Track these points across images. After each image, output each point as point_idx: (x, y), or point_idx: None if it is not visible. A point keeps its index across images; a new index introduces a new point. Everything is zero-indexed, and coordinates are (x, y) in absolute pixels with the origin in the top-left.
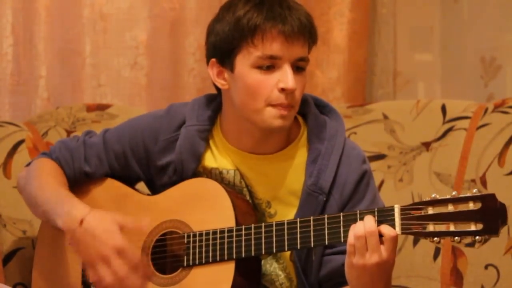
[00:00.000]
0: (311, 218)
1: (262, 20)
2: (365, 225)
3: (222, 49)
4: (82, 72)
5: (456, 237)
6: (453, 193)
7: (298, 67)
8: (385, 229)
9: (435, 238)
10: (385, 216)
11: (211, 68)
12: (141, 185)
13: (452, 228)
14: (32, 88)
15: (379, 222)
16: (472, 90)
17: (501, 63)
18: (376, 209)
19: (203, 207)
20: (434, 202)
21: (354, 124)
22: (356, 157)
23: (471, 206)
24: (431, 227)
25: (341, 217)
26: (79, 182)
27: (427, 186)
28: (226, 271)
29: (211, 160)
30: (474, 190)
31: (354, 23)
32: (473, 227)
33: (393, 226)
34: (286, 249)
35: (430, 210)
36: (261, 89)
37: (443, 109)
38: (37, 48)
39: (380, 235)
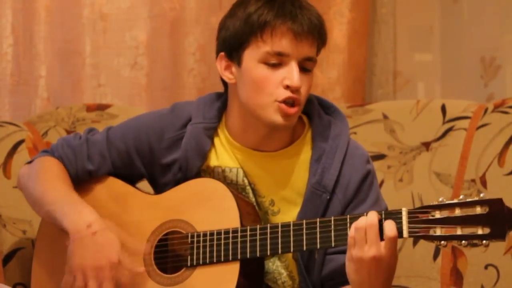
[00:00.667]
0: (317, 220)
1: (273, 16)
2: (367, 219)
3: (232, 43)
4: (82, 72)
5: (464, 241)
6: (461, 196)
7: (305, 68)
8: (387, 225)
9: (442, 242)
10: (392, 219)
11: (219, 61)
12: (145, 185)
13: (459, 232)
14: (32, 88)
15: None
16: (472, 90)
17: (501, 63)
18: (383, 212)
19: (207, 208)
20: (441, 206)
21: (354, 124)
22: (360, 157)
23: (478, 210)
24: (438, 231)
25: (348, 220)
26: (81, 181)
27: (427, 186)
28: (230, 272)
29: (214, 158)
30: (482, 195)
31: (354, 23)
32: (480, 231)
33: (400, 229)
34: (291, 250)
35: (437, 214)
36: (267, 84)
37: (443, 109)
38: (37, 48)
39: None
